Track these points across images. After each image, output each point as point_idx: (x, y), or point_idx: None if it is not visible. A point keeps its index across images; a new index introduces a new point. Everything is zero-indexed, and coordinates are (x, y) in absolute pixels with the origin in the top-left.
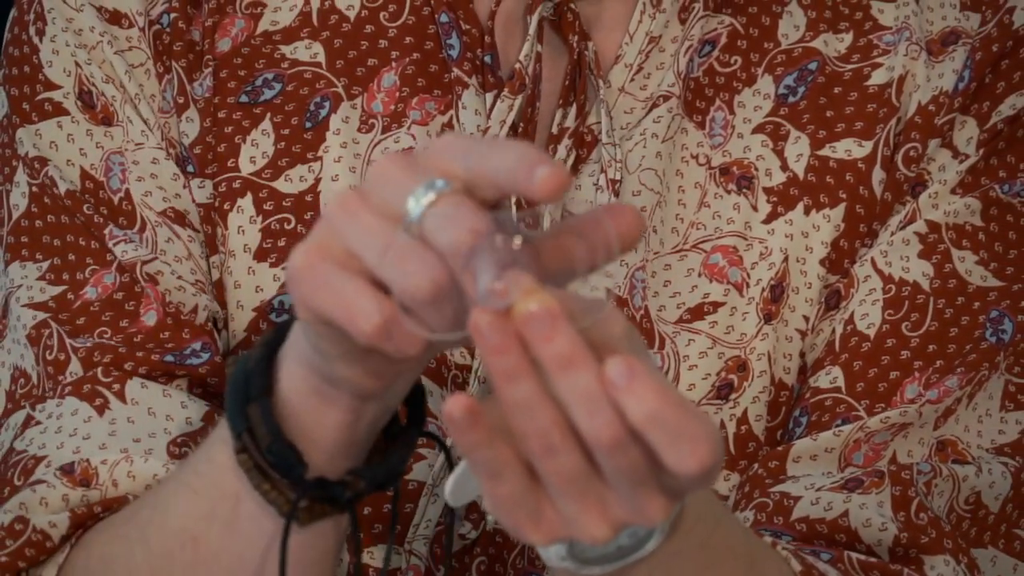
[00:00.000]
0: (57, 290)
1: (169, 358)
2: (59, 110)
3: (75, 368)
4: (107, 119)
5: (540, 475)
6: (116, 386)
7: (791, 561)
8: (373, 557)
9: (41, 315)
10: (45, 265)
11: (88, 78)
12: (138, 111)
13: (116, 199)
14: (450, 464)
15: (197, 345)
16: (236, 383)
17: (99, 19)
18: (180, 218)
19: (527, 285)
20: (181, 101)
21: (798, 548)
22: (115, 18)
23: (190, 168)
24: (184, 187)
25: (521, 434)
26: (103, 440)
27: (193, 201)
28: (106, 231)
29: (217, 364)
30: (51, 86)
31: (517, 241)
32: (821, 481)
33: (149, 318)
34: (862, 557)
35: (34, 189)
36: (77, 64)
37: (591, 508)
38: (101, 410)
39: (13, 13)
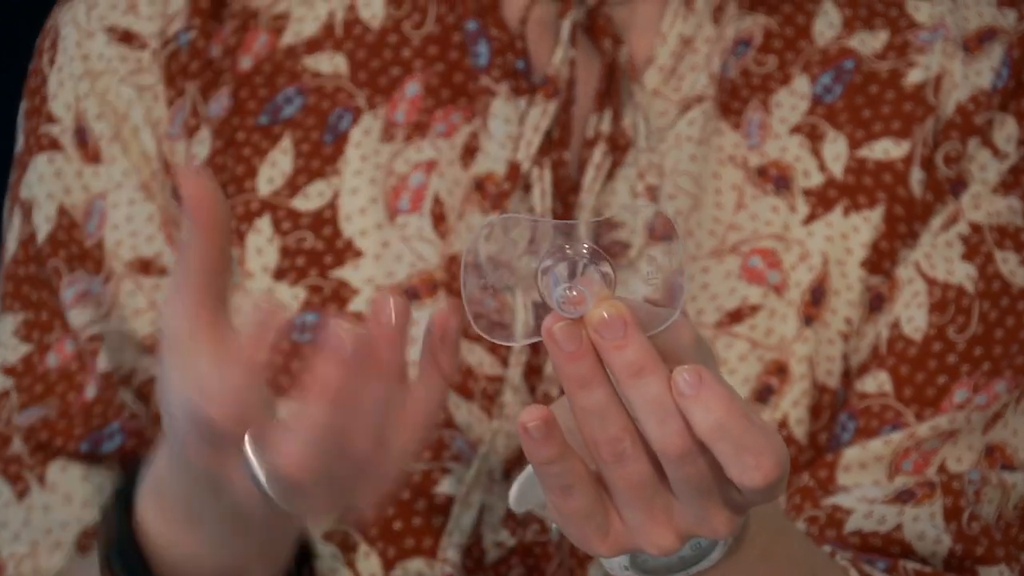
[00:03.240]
0: (26, 349)
1: (84, 446)
2: (54, 145)
3: (16, 447)
4: (96, 157)
5: (608, 483)
6: (39, 469)
7: (850, 572)
8: (405, 571)
9: (7, 382)
10: (20, 318)
11: (83, 113)
12: (127, 148)
13: (89, 243)
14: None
15: (115, 426)
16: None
17: (109, 43)
18: (146, 266)
19: (600, 292)
20: (193, 123)
21: (856, 557)
22: (126, 38)
23: None
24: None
25: (591, 441)
26: (17, 529)
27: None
28: (63, 294)
29: (127, 450)
30: (52, 119)
31: (587, 250)
32: (873, 493)
33: (89, 391)
34: (917, 566)
35: (23, 235)
36: (77, 98)
37: (658, 517)
38: (21, 495)
39: (39, 40)
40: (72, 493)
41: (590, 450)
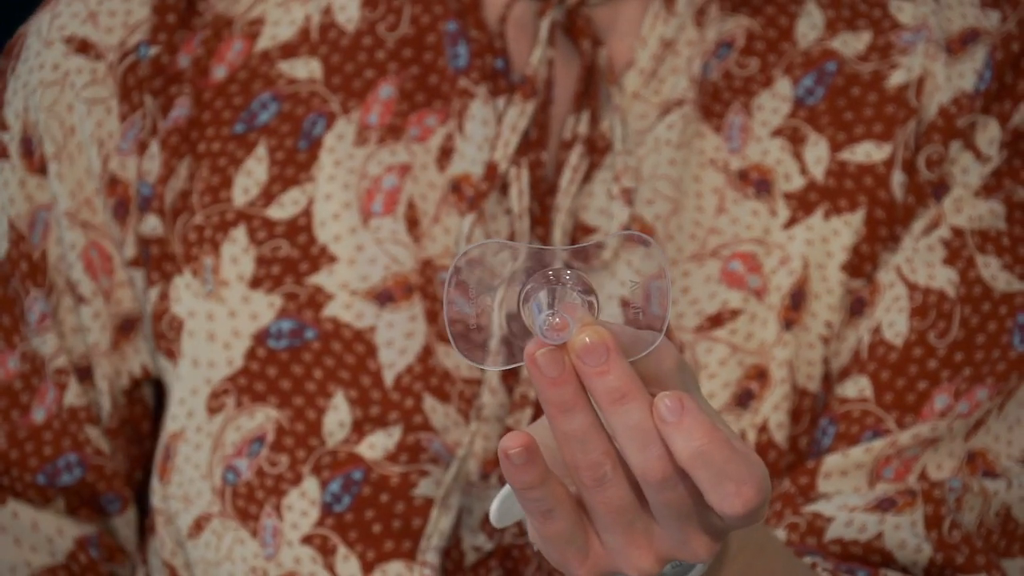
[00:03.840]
0: None
1: (40, 478)
2: (3, 152)
3: None
4: (42, 168)
5: (588, 507)
6: None
7: None
8: (385, 573)
9: None
10: None
11: (31, 124)
12: (72, 163)
13: (35, 256)
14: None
15: (73, 458)
16: None
17: (67, 54)
18: (73, 289)
19: (583, 318)
20: (147, 140)
21: (836, 567)
22: (83, 48)
23: (141, 206)
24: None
25: (573, 465)
26: None
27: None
28: (28, 315)
29: (87, 483)
30: (4, 126)
31: (570, 276)
32: (853, 500)
33: (38, 414)
34: (898, 575)
35: None
36: (27, 108)
37: (638, 541)
38: None
39: (7, 45)
40: (22, 539)
41: (571, 474)
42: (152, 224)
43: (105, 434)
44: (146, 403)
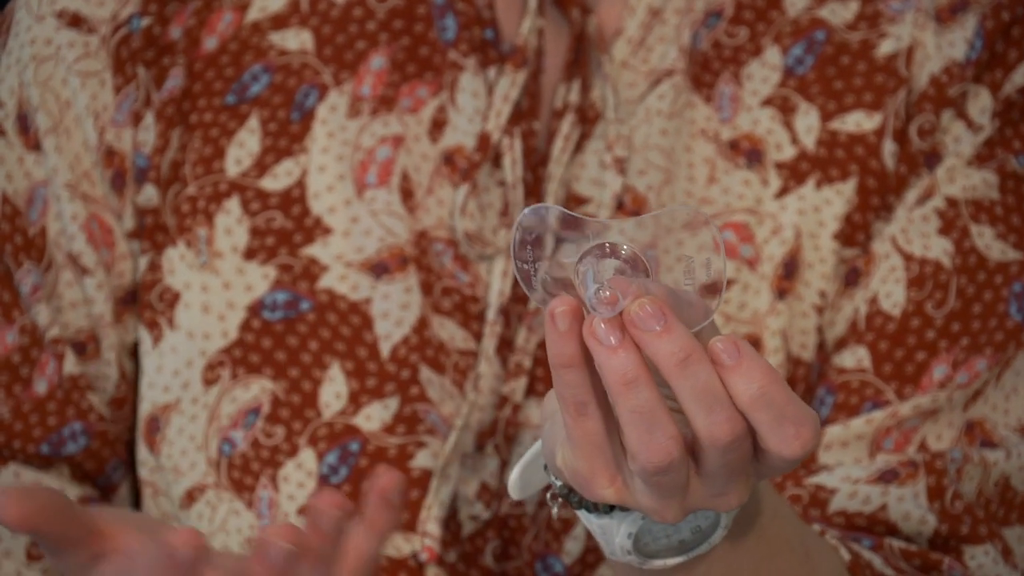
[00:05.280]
0: None
1: (45, 448)
2: (0, 131)
3: None
4: (37, 144)
5: (639, 477)
6: None
7: (840, 550)
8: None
9: None
10: None
11: (26, 100)
12: (69, 137)
13: (32, 232)
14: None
15: (78, 426)
16: None
17: (58, 28)
18: (75, 261)
19: (634, 290)
20: (142, 111)
21: (843, 536)
22: (75, 22)
23: (138, 177)
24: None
25: (636, 450)
26: None
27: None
28: (20, 288)
29: (93, 451)
30: None
31: (626, 251)
32: (856, 472)
33: (40, 386)
34: (903, 545)
35: None
36: (21, 84)
37: (674, 501)
38: None
39: None
40: None
41: (631, 456)
42: (150, 194)
43: (110, 403)
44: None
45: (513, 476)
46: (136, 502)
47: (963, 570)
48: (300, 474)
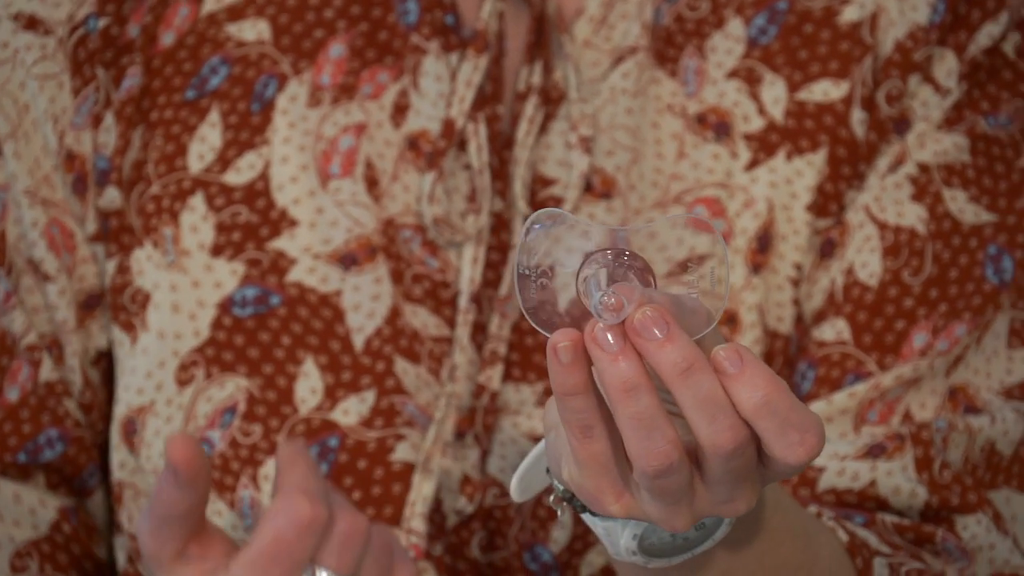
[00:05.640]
0: None
1: (22, 456)
2: None
3: None
4: None
5: (640, 484)
6: None
7: (838, 531)
8: None
9: None
10: None
11: None
12: (28, 142)
13: None
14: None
15: (54, 432)
16: None
17: (15, 31)
18: (35, 268)
19: (638, 297)
20: (101, 112)
21: (838, 515)
22: (32, 24)
23: (99, 180)
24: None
25: (636, 454)
26: None
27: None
28: None
29: (70, 456)
30: None
31: (628, 257)
32: (843, 448)
33: (11, 393)
34: (895, 519)
35: None
36: None
37: (681, 509)
38: None
39: None
40: (4, 513)
41: (633, 461)
42: (112, 197)
43: (79, 408)
44: (109, 376)
45: (515, 480)
46: (109, 506)
47: (956, 541)
48: None
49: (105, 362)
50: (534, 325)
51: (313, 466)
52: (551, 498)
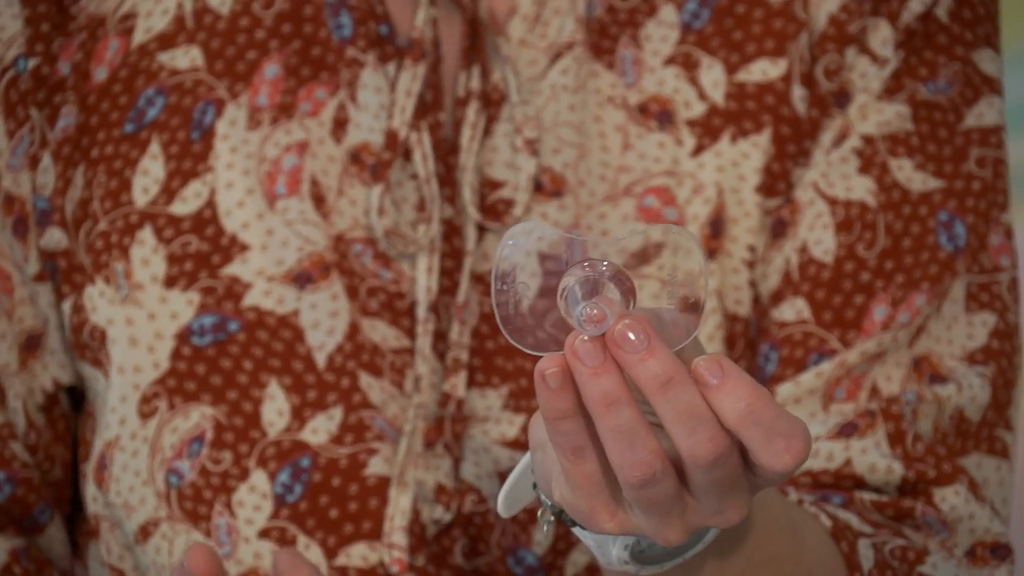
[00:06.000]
0: None
1: None
2: None
3: None
4: None
5: (628, 498)
6: None
7: (820, 517)
8: (349, 557)
9: None
10: None
11: None
12: None
13: None
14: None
15: (2, 475)
16: None
17: None
18: None
19: (620, 310)
20: (38, 153)
21: (815, 498)
22: None
23: (40, 221)
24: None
25: (619, 465)
26: None
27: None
28: None
29: (18, 497)
30: None
31: (607, 268)
32: (814, 429)
33: None
34: (874, 496)
35: None
36: None
37: (673, 521)
38: None
39: None
40: None
41: (617, 473)
42: (56, 237)
43: (26, 449)
44: (65, 414)
45: (502, 496)
46: (72, 539)
47: (936, 513)
48: (255, 497)
49: (58, 401)
50: (510, 339)
51: (314, 567)
52: (539, 512)
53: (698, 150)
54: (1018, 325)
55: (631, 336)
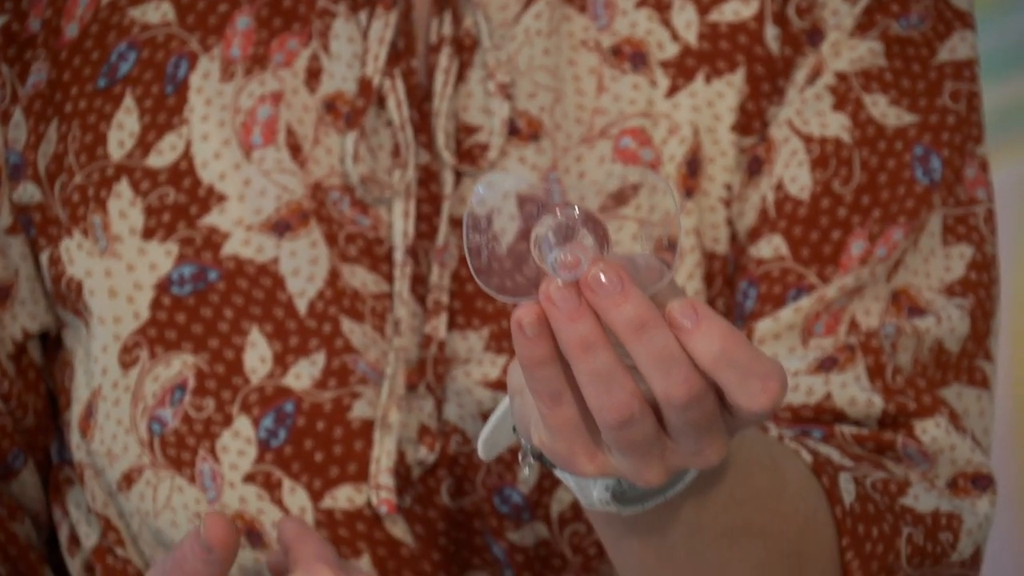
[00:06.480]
0: None
1: None
2: None
3: None
4: None
5: (606, 440)
6: None
7: (801, 452)
8: (335, 500)
9: None
10: None
11: None
12: None
13: None
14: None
15: None
16: None
17: None
18: None
19: (594, 255)
20: (8, 108)
21: (795, 433)
22: None
23: (13, 175)
24: None
25: (597, 408)
26: None
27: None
28: None
29: None
30: None
31: (580, 213)
32: (794, 364)
33: None
34: (854, 430)
35: None
36: None
37: (651, 461)
38: None
39: None
40: None
41: (595, 415)
42: (30, 192)
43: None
44: (35, 363)
45: (481, 439)
46: (45, 485)
47: (917, 445)
48: (239, 442)
49: (28, 350)
50: (484, 288)
51: (322, 538)
52: (520, 455)
53: (672, 91)
54: (995, 256)
55: (605, 281)
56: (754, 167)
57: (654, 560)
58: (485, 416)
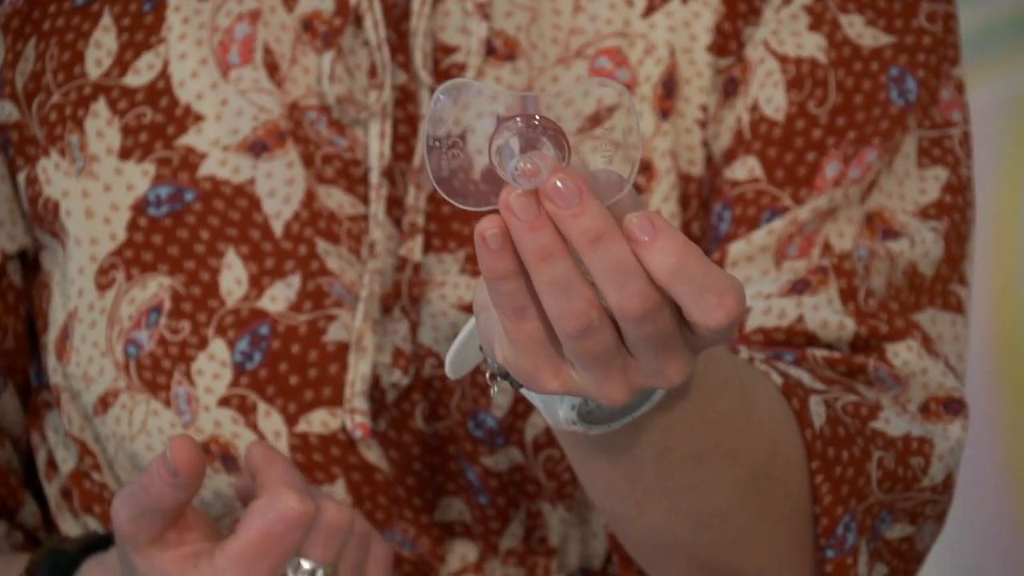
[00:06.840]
0: None
1: None
2: None
3: None
4: None
5: (567, 352)
6: None
7: (772, 375)
8: (310, 424)
9: None
10: None
11: None
12: None
13: None
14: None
15: None
16: None
17: None
18: None
19: (553, 164)
20: None
21: (766, 356)
22: None
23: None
24: None
25: (556, 316)
26: None
27: None
28: None
29: None
30: None
31: (540, 122)
32: (766, 287)
33: None
34: (825, 353)
35: None
36: None
37: (613, 376)
38: None
39: None
40: None
41: (554, 325)
42: (8, 110)
43: None
44: (14, 284)
45: (449, 357)
46: (26, 410)
47: (888, 369)
48: (214, 365)
49: (6, 271)
50: (445, 196)
51: (290, 462)
52: (487, 375)
53: (649, 11)
54: (970, 179)
55: (563, 189)
56: (730, 88)
57: (622, 481)
58: None
